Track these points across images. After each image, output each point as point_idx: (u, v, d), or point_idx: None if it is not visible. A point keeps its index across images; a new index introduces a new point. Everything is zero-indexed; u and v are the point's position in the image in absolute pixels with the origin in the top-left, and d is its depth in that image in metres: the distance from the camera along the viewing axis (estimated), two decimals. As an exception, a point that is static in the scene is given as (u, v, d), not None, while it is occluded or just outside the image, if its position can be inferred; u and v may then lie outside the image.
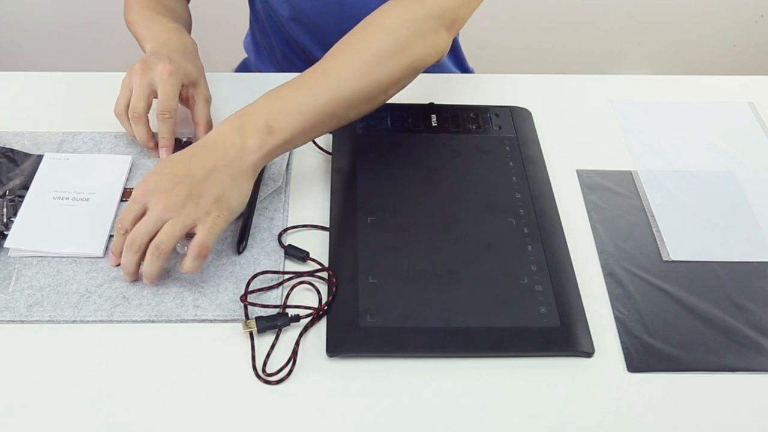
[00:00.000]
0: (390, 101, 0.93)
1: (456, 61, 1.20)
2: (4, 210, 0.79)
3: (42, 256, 0.75)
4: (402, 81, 0.78)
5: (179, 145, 0.84)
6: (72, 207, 0.79)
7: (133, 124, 0.83)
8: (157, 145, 0.83)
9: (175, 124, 0.83)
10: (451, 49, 1.18)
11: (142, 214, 0.70)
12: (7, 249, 0.76)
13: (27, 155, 0.85)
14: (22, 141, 0.87)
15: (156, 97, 0.82)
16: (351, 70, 0.74)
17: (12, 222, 0.78)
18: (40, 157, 0.85)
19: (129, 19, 0.96)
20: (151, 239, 0.69)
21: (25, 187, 0.81)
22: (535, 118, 0.93)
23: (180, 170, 0.70)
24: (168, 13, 0.95)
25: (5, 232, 0.77)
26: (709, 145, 0.92)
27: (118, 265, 0.73)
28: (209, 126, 0.85)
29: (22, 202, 0.80)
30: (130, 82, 0.83)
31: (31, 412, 0.64)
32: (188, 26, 1.02)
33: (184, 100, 0.86)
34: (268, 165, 0.85)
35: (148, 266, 0.70)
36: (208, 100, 0.87)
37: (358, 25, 0.78)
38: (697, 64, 2.09)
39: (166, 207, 0.69)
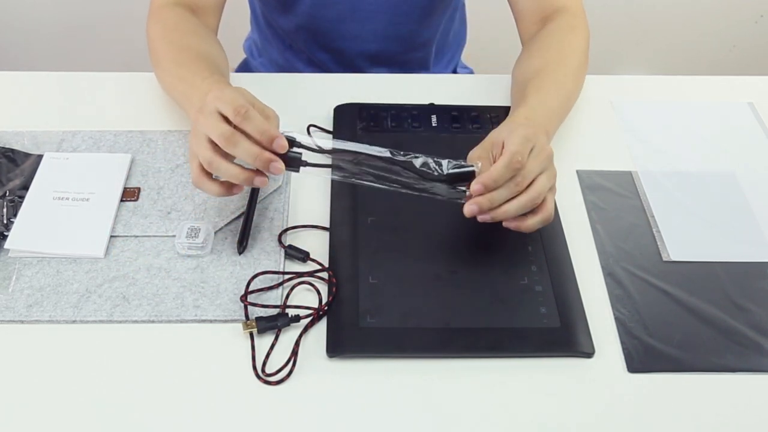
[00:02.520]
0: (390, 101, 0.94)
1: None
2: (4, 210, 0.79)
3: (42, 256, 0.75)
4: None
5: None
6: (72, 207, 0.79)
7: (244, 121, 0.69)
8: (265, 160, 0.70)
9: (263, 118, 0.71)
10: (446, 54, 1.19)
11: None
12: (8, 249, 0.76)
13: (27, 155, 0.85)
14: (22, 140, 0.87)
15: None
16: (570, 84, 0.89)
17: (12, 222, 0.78)
18: (40, 156, 0.85)
19: (162, 80, 0.89)
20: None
21: (25, 187, 0.81)
22: (535, 118, 0.93)
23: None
24: (203, 64, 0.83)
25: (5, 233, 0.77)
26: (709, 145, 0.92)
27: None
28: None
29: (22, 202, 0.80)
30: (196, 134, 0.71)
31: (31, 412, 0.64)
32: (226, 68, 0.90)
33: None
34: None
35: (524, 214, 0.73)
36: (271, 117, 0.74)
37: (549, 47, 0.92)
38: (697, 64, 2.08)
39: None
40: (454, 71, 1.22)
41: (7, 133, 0.88)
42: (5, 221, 0.78)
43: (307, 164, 0.72)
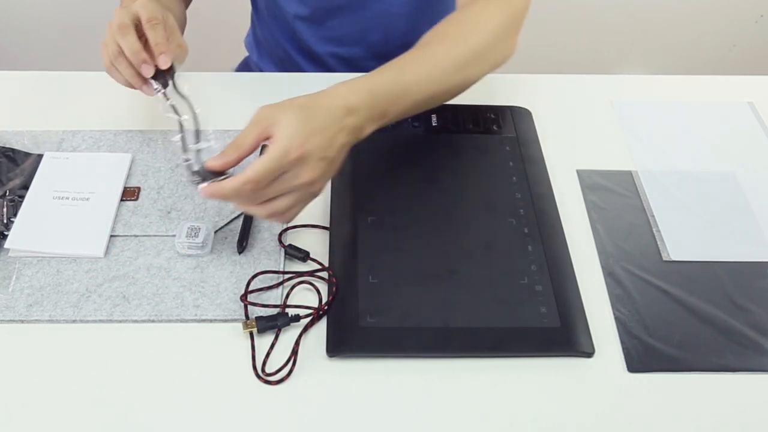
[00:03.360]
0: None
1: None
2: (4, 210, 0.79)
3: (42, 256, 0.75)
4: (480, 78, 0.82)
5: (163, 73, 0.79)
6: (72, 207, 0.79)
7: (121, 37, 0.77)
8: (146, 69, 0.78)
9: (166, 32, 0.79)
10: None
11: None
12: (8, 249, 0.76)
13: (27, 155, 0.85)
14: (22, 140, 0.87)
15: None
16: (451, 64, 0.77)
17: (12, 222, 0.78)
18: (40, 156, 0.85)
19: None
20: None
21: (25, 186, 0.81)
22: (535, 118, 0.93)
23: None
24: None
25: (5, 233, 0.77)
26: (709, 145, 0.92)
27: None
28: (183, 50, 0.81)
29: (22, 202, 0.80)
30: (110, 26, 0.79)
31: (31, 412, 0.64)
32: (181, 23, 0.96)
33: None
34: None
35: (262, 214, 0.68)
36: (182, 47, 0.82)
37: (454, 20, 0.80)
38: (697, 64, 2.08)
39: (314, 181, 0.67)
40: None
41: (7, 133, 0.88)
42: (5, 221, 0.78)
43: (165, 96, 0.78)
